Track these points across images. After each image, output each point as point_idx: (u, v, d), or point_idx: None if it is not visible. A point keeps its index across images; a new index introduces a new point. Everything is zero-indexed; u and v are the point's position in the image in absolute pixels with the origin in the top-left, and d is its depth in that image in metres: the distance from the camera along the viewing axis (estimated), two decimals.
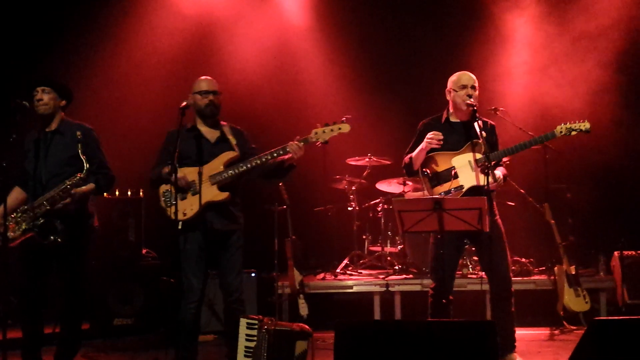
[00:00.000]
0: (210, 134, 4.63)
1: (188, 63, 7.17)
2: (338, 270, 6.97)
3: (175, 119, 4.48)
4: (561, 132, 4.56)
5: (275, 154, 4.45)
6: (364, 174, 7.30)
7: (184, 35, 7.42)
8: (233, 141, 4.62)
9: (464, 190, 4.51)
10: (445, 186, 4.55)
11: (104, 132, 4.96)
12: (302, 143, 4.41)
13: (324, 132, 4.39)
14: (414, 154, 4.68)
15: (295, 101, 7.52)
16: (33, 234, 4.42)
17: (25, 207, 4.48)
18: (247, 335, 4.41)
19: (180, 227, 4.34)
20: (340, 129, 4.39)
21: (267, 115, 7.34)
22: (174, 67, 7.20)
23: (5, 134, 4.70)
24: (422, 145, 4.57)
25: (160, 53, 7.34)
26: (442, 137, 4.55)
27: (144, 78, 7.18)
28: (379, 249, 7.28)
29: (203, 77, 4.68)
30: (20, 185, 4.69)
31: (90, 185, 4.57)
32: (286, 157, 4.48)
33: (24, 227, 4.43)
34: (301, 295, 6.11)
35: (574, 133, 4.56)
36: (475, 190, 4.47)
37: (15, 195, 4.67)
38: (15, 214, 4.48)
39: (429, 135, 4.55)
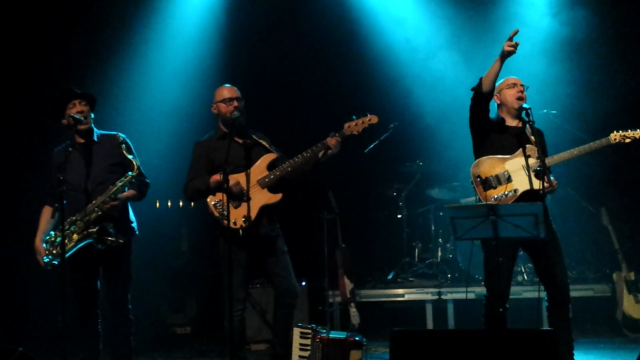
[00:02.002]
0: (242, 140, 4.67)
1: (220, 68, 7.22)
2: (389, 279, 6.92)
3: (205, 126, 4.61)
4: (615, 139, 4.52)
5: (316, 150, 4.53)
6: (414, 180, 7.24)
7: (213, 42, 7.43)
8: (265, 144, 4.69)
9: (517, 194, 4.43)
10: (499, 190, 4.47)
11: (144, 141, 4.99)
12: (340, 137, 4.54)
13: (355, 124, 4.56)
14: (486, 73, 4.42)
15: (340, 106, 7.49)
16: (91, 242, 4.44)
17: (74, 217, 4.47)
18: (300, 344, 4.41)
19: (241, 234, 4.40)
20: (370, 120, 4.57)
21: (303, 118, 7.33)
22: (208, 71, 7.26)
23: (43, 147, 4.83)
24: (500, 54, 4.35)
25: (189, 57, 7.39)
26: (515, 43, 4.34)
27: (182, 83, 7.25)
28: (430, 256, 7.20)
29: (224, 85, 4.73)
30: (49, 203, 4.66)
31: (131, 192, 4.60)
32: (328, 152, 4.55)
33: (75, 237, 4.45)
34: (352, 304, 6.07)
35: (628, 140, 4.52)
36: (529, 195, 4.38)
37: (48, 215, 4.64)
38: (61, 228, 4.41)
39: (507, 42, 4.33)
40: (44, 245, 4.54)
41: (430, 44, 7.64)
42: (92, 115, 4.66)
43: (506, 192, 4.45)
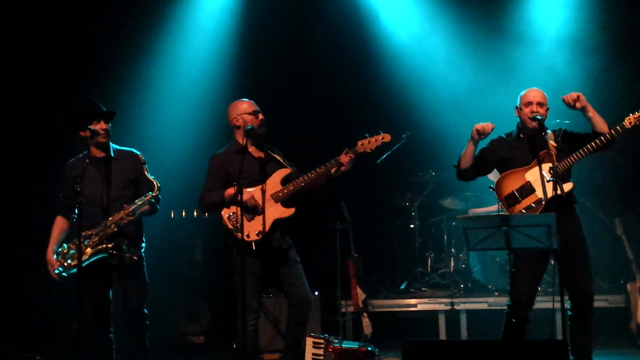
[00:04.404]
0: (257, 153, 4.73)
1: (234, 80, 7.26)
2: (401, 288, 6.92)
3: (220, 139, 4.68)
4: (631, 123, 4.32)
5: (329, 166, 4.57)
6: (427, 190, 7.25)
7: (227, 54, 7.48)
8: (279, 158, 4.76)
9: (544, 203, 4.37)
10: (524, 203, 4.42)
11: (159, 151, 5.03)
12: (353, 154, 4.57)
13: (369, 142, 4.59)
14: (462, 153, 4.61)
15: (354, 115, 7.52)
16: (105, 256, 4.50)
17: (88, 232, 4.53)
18: (313, 354, 4.43)
19: (254, 247, 4.44)
20: (383, 138, 4.60)
21: (317, 128, 7.36)
22: (222, 83, 7.29)
23: (59, 158, 4.90)
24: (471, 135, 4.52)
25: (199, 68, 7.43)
26: (490, 126, 4.48)
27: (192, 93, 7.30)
28: (443, 266, 7.19)
29: (244, 99, 4.79)
30: (62, 214, 4.73)
31: (145, 207, 4.66)
32: (341, 169, 4.58)
33: (88, 251, 4.50)
34: (365, 314, 6.08)
35: None
36: (556, 202, 4.25)
37: (61, 226, 4.72)
38: (76, 241, 4.49)
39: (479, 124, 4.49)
40: (55, 256, 4.59)
41: (444, 53, 7.66)
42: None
43: (532, 204, 4.40)
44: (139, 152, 4.79)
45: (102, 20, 7.05)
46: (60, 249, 4.61)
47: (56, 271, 4.57)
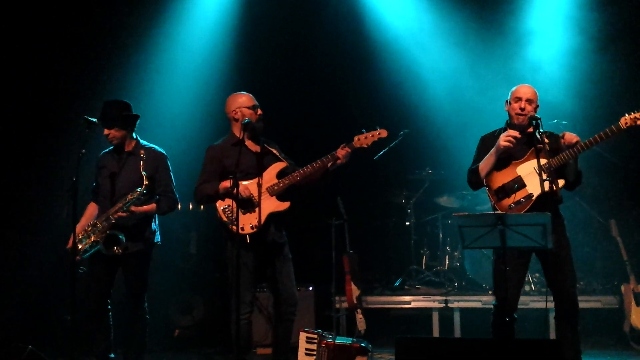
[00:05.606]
0: (254, 147, 4.73)
1: (231, 74, 7.27)
2: (396, 285, 6.93)
3: (216, 131, 4.76)
4: (627, 124, 4.23)
5: (325, 160, 4.56)
6: (423, 188, 7.25)
7: (225, 47, 7.47)
8: (276, 152, 4.75)
9: (533, 198, 4.35)
10: (514, 197, 4.39)
11: (152, 144, 5.07)
12: (350, 149, 4.57)
13: (365, 137, 4.59)
14: (481, 162, 4.56)
15: (351, 113, 7.50)
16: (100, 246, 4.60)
17: (96, 220, 4.72)
18: (306, 349, 4.43)
19: (248, 240, 4.43)
20: (380, 134, 4.60)
21: (314, 125, 7.35)
22: (218, 77, 7.28)
23: (73, 149, 4.92)
24: (496, 147, 4.42)
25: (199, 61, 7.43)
26: (518, 135, 4.40)
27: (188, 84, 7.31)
28: (437, 264, 7.20)
29: (243, 93, 4.78)
30: (94, 200, 4.95)
31: (151, 206, 4.76)
32: (337, 162, 4.57)
33: (92, 239, 4.65)
34: (359, 310, 6.09)
35: None
36: (545, 198, 4.26)
37: (91, 211, 4.93)
38: (87, 227, 4.72)
39: (504, 134, 4.39)
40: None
41: (442, 51, 7.64)
42: (128, 131, 4.84)
43: (522, 199, 4.38)
44: (156, 152, 4.89)
45: (100, 17, 7.06)
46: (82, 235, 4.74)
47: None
